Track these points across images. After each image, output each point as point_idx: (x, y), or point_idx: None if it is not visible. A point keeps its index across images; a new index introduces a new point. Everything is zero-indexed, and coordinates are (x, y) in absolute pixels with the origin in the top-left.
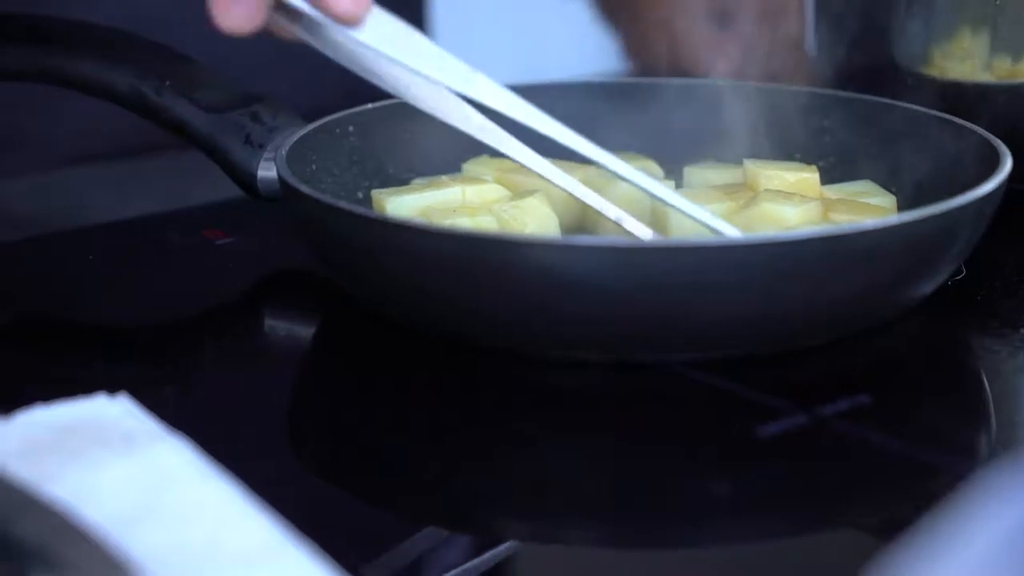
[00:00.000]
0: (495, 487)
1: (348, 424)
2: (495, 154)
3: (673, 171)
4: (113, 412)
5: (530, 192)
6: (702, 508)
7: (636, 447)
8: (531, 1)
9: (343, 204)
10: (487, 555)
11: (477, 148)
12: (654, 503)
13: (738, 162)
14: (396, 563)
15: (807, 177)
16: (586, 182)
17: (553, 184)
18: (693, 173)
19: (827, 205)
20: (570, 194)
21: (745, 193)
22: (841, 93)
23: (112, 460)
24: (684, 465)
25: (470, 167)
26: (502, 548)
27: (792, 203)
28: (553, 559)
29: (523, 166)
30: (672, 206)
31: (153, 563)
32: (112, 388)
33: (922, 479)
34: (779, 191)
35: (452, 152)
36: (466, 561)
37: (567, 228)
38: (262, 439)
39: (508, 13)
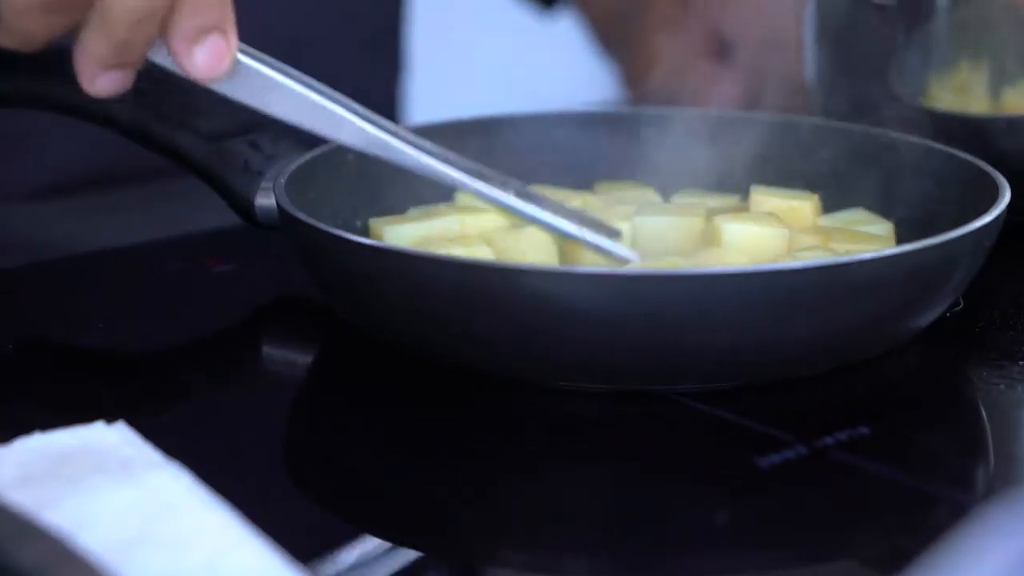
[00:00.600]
0: (493, 515)
1: (345, 451)
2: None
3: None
4: (111, 439)
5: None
6: (700, 538)
7: (634, 476)
8: (525, 30)
9: (342, 232)
10: None
11: None
12: (652, 533)
13: (734, 191)
14: None
15: (797, 205)
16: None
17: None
18: (683, 199)
19: (826, 234)
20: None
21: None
22: (839, 124)
23: (110, 487)
24: (682, 495)
25: (464, 195)
26: None
27: (756, 223)
28: None
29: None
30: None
31: None
32: (110, 415)
33: (920, 510)
34: (748, 213)
35: None
36: None
37: (566, 257)
38: (260, 466)
39: (501, 41)
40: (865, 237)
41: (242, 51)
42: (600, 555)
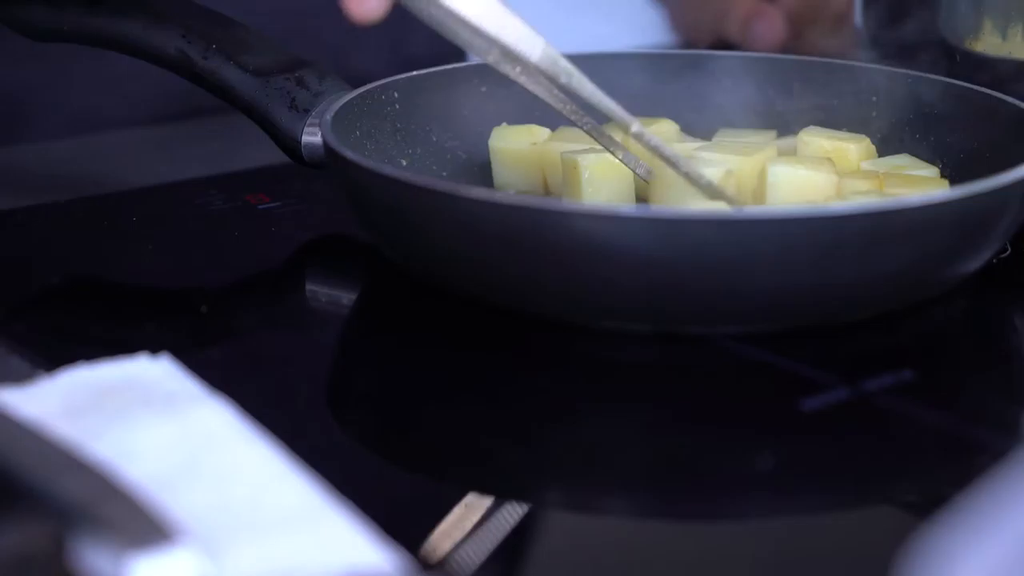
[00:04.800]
0: (535, 455)
1: (388, 389)
2: (515, 122)
3: None
4: (155, 373)
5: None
6: (743, 481)
7: (679, 419)
8: None
9: (388, 170)
10: (525, 524)
11: (519, 116)
12: (694, 475)
13: (780, 134)
14: (433, 528)
15: (847, 147)
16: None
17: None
18: (724, 136)
19: (881, 179)
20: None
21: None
22: (888, 68)
23: (154, 420)
24: (726, 437)
25: (496, 140)
26: (540, 517)
27: (804, 166)
28: (593, 529)
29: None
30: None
31: (193, 523)
32: (154, 349)
33: (964, 455)
34: (797, 156)
35: (496, 119)
36: (504, 530)
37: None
38: (303, 402)
39: None
40: (920, 181)
41: None
42: (642, 496)
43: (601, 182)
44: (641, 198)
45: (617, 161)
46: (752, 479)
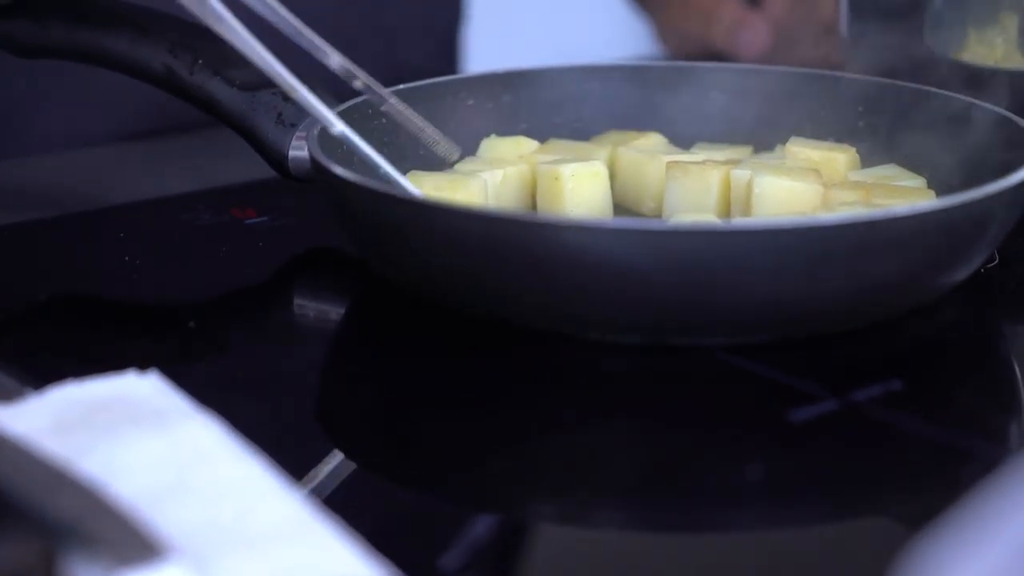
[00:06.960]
0: (525, 467)
1: (377, 403)
2: (503, 134)
3: None
4: (143, 389)
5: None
6: (732, 492)
7: (668, 430)
8: None
9: (376, 185)
10: (517, 537)
11: (507, 128)
12: (684, 486)
13: (764, 145)
14: (424, 543)
15: (834, 157)
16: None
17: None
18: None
19: (867, 190)
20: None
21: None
22: (875, 79)
23: (143, 437)
24: (715, 449)
25: (485, 152)
26: (532, 530)
27: (789, 177)
28: (584, 541)
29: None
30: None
31: (183, 539)
32: (142, 365)
33: (954, 465)
34: (782, 167)
35: (482, 133)
36: (495, 543)
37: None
38: (291, 418)
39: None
40: (906, 192)
41: None
42: (632, 508)
43: (583, 193)
44: (619, 205)
45: (597, 171)
46: (742, 490)
